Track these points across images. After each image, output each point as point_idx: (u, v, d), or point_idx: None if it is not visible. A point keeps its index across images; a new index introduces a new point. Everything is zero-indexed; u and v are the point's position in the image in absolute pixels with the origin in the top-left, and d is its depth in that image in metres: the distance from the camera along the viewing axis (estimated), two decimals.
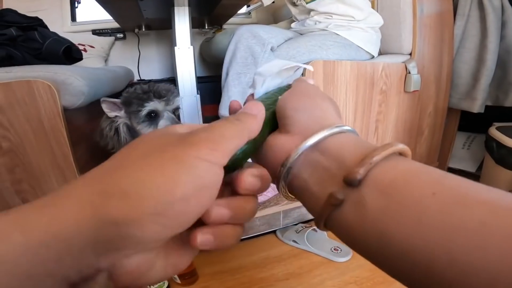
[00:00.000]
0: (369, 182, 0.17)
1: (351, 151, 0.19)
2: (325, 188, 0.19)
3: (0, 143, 0.67)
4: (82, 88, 0.71)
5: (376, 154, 0.18)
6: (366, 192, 0.17)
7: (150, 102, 0.74)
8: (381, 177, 0.17)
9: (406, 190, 0.16)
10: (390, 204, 0.16)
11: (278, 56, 0.91)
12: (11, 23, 0.81)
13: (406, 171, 0.17)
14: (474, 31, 1.20)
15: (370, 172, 0.17)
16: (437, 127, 1.30)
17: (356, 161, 0.18)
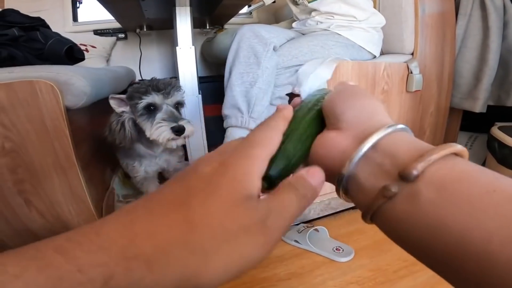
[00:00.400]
0: (425, 178, 0.17)
1: (406, 149, 0.19)
2: (378, 182, 0.19)
3: (3, 144, 0.67)
4: (84, 88, 0.71)
5: (434, 152, 0.18)
6: (421, 186, 0.17)
7: (149, 95, 0.75)
8: (439, 174, 0.17)
9: (465, 186, 0.16)
10: (447, 198, 0.16)
11: (280, 56, 0.91)
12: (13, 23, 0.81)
13: (464, 171, 0.17)
14: (476, 30, 1.20)
15: (427, 169, 0.17)
16: (439, 127, 1.30)
17: (413, 158, 0.18)
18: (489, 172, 0.17)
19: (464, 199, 0.16)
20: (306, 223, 1.04)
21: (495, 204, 0.15)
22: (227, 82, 0.92)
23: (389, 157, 0.20)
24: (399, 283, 0.77)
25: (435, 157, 0.17)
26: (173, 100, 0.79)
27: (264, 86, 0.89)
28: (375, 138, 0.20)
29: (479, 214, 0.15)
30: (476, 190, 0.16)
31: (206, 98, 1.15)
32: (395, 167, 0.19)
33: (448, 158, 0.18)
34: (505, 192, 0.15)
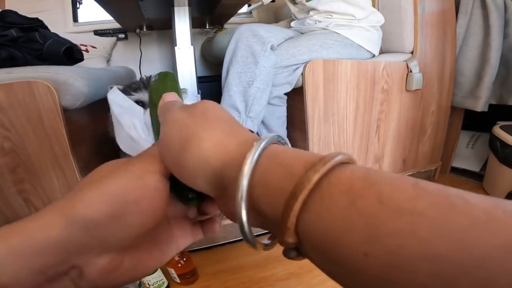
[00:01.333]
0: (304, 241, 0.16)
1: (272, 208, 0.16)
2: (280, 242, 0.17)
3: (2, 144, 0.68)
4: (82, 88, 0.72)
5: (288, 213, 0.15)
6: (307, 250, 0.16)
7: (139, 92, 0.76)
8: (311, 235, 0.15)
9: (337, 252, 0.14)
10: (327, 263, 0.15)
11: (278, 55, 0.91)
12: (12, 24, 0.82)
13: (332, 225, 0.14)
14: (477, 29, 1.19)
15: (298, 230, 0.15)
16: (440, 126, 1.29)
17: (279, 223, 0.16)
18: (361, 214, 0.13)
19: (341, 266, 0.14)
20: None
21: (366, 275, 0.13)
22: (224, 81, 0.92)
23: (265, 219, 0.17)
24: None
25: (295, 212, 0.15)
26: None
27: (262, 86, 0.88)
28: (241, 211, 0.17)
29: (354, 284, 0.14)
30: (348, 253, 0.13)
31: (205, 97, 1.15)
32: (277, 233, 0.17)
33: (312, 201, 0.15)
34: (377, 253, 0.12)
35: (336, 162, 0.15)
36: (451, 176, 1.42)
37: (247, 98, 0.88)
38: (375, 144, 1.13)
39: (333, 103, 0.99)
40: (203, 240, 0.91)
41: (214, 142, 0.19)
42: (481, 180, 1.29)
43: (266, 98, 0.90)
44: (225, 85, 0.91)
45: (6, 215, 0.73)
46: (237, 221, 0.18)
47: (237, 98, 0.88)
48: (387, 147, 1.16)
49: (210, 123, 0.20)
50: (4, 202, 0.72)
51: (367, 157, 1.13)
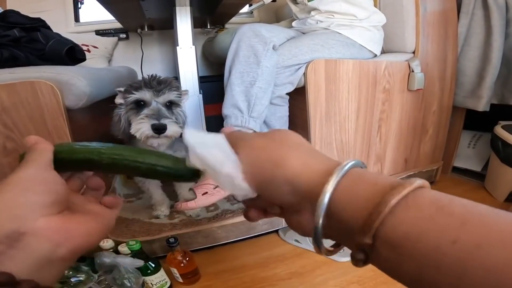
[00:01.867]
0: (381, 240, 0.18)
1: (353, 210, 0.19)
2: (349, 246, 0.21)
3: (5, 143, 0.68)
4: (84, 88, 0.72)
5: (380, 211, 0.17)
6: (380, 250, 0.18)
7: (140, 91, 0.75)
8: (392, 232, 0.17)
9: (423, 239, 0.16)
10: (403, 257, 0.17)
11: (280, 55, 0.91)
12: (14, 24, 0.82)
13: (419, 219, 0.16)
14: (478, 29, 1.19)
15: (379, 229, 0.18)
16: (442, 126, 1.29)
17: (361, 226, 0.18)
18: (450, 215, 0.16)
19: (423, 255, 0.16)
20: None
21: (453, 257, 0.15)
22: (226, 81, 0.92)
23: (343, 224, 0.20)
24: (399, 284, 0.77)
25: (382, 216, 0.17)
26: (165, 98, 0.78)
27: (264, 86, 0.88)
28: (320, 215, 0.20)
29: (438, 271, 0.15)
30: (434, 242, 0.15)
31: (207, 97, 1.16)
32: (352, 236, 0.19)
33: (401, 206, 0.17)
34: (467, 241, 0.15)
35: (419, 184, 0.18)
36: (453, 176, 1.42)
37: (250, 98, 0.88)
38: (377, 143, 1.13)
39: (335, 103, 0.99)
40: (205, 240, 0.91)
41: (301, 162, 0.23)
42: (482, 180, 1.29)
43: (268, 98, 0.90)
44: (228, 85, 0.91)
45: None
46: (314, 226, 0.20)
47: (239, 98, 0.88)
48: (388, 147, 1.16)
49: (293, 147, 0.24)
50: None
51: (369, 157, 1.13)
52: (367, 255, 0.19)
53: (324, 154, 0.24)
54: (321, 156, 0.24)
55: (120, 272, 0.67)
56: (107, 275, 0.67)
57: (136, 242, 0.73)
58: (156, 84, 0.76)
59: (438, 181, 1.35)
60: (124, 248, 0.74)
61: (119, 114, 0.80)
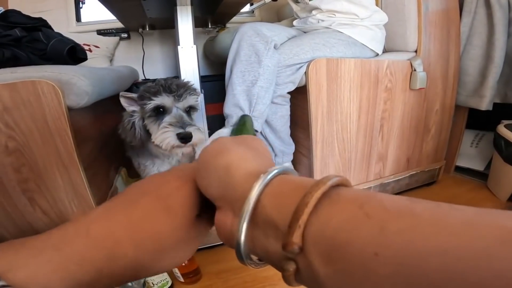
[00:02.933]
0: (309, 247, 0.16)
1: (279, 212, 0.18)
2: (275, 258, 0.19)
3: (6, 143, 0.68)
4: (86, 88, 0.72)
5: (303, 209, 0.16)
6: (311, 258, 0.16)
7: (159, 97, 0.71)
8: (318, 239, 0.16)
9: (347, 253, 0.14)
10: (335, 271, 0.15)
11: (281, 54, 0.91)
12: (15, 24, 0.82)
13: (342, 226, 0.15)
14: (481, 28, 1.19)
15: (306, 233, 0.16)
16: (444, 125, 1.28)
17: (286, 226, 0.17)
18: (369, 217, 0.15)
19: (351, 271, 0.14)
20: None
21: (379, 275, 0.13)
22: (228, 80, 0.92)
23: (269, 229, 0.19)
24: None
25: (304, 217, 0.16)
26: (185, 104, 0.74)
27: (266, 85, 0.88)
28: (245, 216, 0.19)
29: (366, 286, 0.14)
30: (359, 256, 0.14)
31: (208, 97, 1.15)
32: (279, 241, 0.18)
33: (320, 208, 0.16)
34: (387, 253, 0.13)
35: (338, 181, 0.18)
36: (455, 175, 1.41)
37: (251, 97, 0.88)
38: (379, 143, 1.12)
39: (336, 102, 0.98)
40: (206, 240, 0.91)
41: (240, 157, 0.22)
42: (485, 179, 1.28)
43: (269, 97, 0.90)
44: (229, 84, 0.91)
45: (10, 214, 0.74)
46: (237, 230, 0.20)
47: (240, 97, 0.88)
48: (390, 146, 1.16)
49: (244, 145, 0.24)
50: (8, 201, 0.72)
51: (371, 156, 1.13)
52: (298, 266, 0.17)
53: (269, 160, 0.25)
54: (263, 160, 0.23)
55: None
56: None
57: None
58: (176, 88, 0.72)
59: (441, 181, 1.35)
60: None
61: (132, 121, 0.76)
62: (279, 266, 0.18)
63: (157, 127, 0.72)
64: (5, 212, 0.73)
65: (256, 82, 0.87)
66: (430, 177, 1.31)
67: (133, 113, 0.77)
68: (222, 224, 0.22)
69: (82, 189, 0.75)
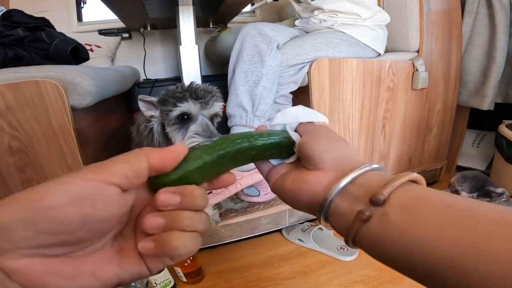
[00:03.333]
0: (392, 201, 0.21)
1: (376, 181, 0.23)
2: (354, 208, 0.23)
3: (10, 143, 0.68)
4: (89, 88, 0.72)
5: (396, 180, 0.22)
6: (390, 209, 0.21)
7: (184, 103, 0.65)
8: (402, 196, 0.21)
9: (424, 204, 0.20)
10: (412, 217, 0.19)
11: (284, 54, 0.91)
12: (18, 24, 0.82)
13: (422, 192, 0.21)
14: (482, 28, 1.19)
15: (392, 194, 0.21)
16: (446, 125, 1.28)
17: (380, 186, 0.22)
18: (442, 192, 0.20)
19: (426, 214, 0.19)
20: (310, 221, 1.03)
21: (452, 217, 0.18)
22: (230, 80, 0.92)
23: (363, 189, 0.23)
24: (404, 282, 0.77)
25: (397, 183, 0.21)
26: (211, 111, 0.69)
27: (269, 85, 0.88)
28: (353, 175, 0.24)
29: (442, 227, 0.18)
30: (435, 206, 0.19)
31: None
32: (367, 195, 0.22)
33: (408, 184, 0.22)
34: (458, 206, 0.18)
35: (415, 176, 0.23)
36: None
37: (254, 97, 0.88)
38: (381, 142, 1.13)
39: (338, 102, 0.98)
40: (209, 239, 0.91)
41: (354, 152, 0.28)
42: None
43: (272, 97, 0.90)
44: (232, 84, 0.91)
45: None
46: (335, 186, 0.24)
47: (243, 97, 0.88)
48: (392, 146, 1.16)
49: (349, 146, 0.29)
50: None
51: (373, 156, 1.13)
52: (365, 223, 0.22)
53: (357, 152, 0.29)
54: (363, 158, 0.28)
55: None
56: None
57: None
58: (203, 94, 0.67)
59: (442, 180, 1.35)
60: None
61: (151, 128, 0.71)
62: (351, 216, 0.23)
63: (181, 136, 0.67)
64: None
65: (259, 82, 0.87)
66: (431, 177, 1.31)
67: (151, 118, 0.71)
68: (319, 180, 0.26)
69: None
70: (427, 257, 0.18)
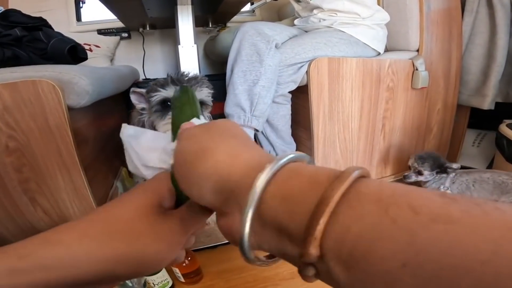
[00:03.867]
0: (329, 255, 0.15)
1: (292, 218, 0.16)
2: (294, 262, 0.17)
3: (7, 143, 0.68)
4: (86, 87, 0.71)
5: (320, 215, 0.14)
6: (330, 265, 0.15)
7: (167, 89, 0.64)
8: (338, 247, 0.14)
9: (371, 263, 0.13)
10: (357, 280, 0.14)
11: (283, 53, 0.90)
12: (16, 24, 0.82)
13: (365, 234, 0.13)
14: (483, 27, 1.18)
15: (324, 242, 0.14)
16: (446, 124, 1.27)
17: (302, 234, 0.15)
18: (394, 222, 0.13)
19: (379, 281, 0.13)
20: None
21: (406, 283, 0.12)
22: (229, 80, 0.92)
23: (282, 232, 0.17)
24: None
25: (323, 221, 0.14)
26: None
27: (267, 84, 0.88)
28: (249, 208, 0.17)
29: None
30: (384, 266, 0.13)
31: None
32: (295, 248, 0.16)
33: (341, 212, 0.14)
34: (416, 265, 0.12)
35: (358, 174, 0.15)
36: None
37: (252, 96, 0.87)
38: (381, 142, 1.12)
39: (338, 101, 0.98)
40: (208, 239, 0.90)
41: (229, 154, 0.19)
42: None
43: (271, 96, 0.90)
44: (230, 84, 0.91)
45: (11, 214, 0.74)
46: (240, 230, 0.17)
47: (242, 97, 0.88)
48: (392, 145, 1.16)
49: (225, 137, 0.21)
50: (9, 201, 0.72)
51: (373, 156, 1.12)
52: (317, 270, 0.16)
53: (260, 148, 0.21)
54: (256, 149, 0.20)
55: None
56: None
57: None
58: (186, 81, 0.66)
59: None
60: None
61: (142, 121, 0.71)
62: (297, 267, 0.17)
63: (161, 121, 0.66)
64: (6, 212, 0.73)
65: (257, 81, 0.87)
66: None
67: (143, 111, 0.71)
68: (229, 228, 0.20)
69: (83, 189, 0.75)
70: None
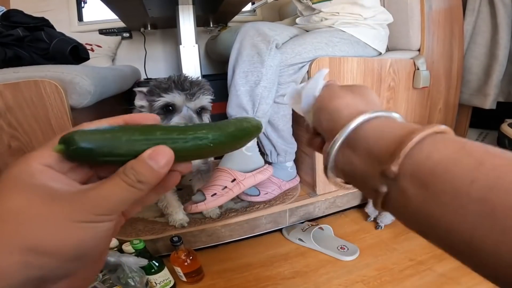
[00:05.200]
0: (406, 174, 0.18)
1: (381, 142, 0.20)
2: (368, 182, 0.21)
3: (10, 143, 0.68)
4: (88, 87, 0.72)
5: (407, 142, 0.18)
6: (405, 184, 0.18)
7: (169, 94, 0.65)
8: (417, 169, 0.18)
9: (445, 179, 0.17)
10: (430, 195, 0.17)
11: (284, 54, 0.90)
12: (18, 24, 0.82)
13: (443, 159, 0.17)
14: (484, 27, 1.18)
15: (404, 163, 0.18)
16: (448, 124, 1.26)
17: (388, 154, 0.19)
18: (474, 151, 0.17)
19: (446, 195, 0.16)
20: (310, 221, 1.03)
21: (473, 197, 0.15)
22: (230, 81, 0.92)
23: (368, 155, 0.21)
24: (405, 282, 0.76)
25: (406, 149, 0.18)
26: (197, 104, 0.68)
27: (269, 85, 0.88)
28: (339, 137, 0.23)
29: (461, 210, 0.16)
30: (456, 182, 0.16)
31: None
32: (376, 167, 0.20)
33: (425, 144, 0.18)
34: (483, 182, 0.15)
35: (445, 129, 0.20)
36: None
37: (254, 97, 0.88)
38: None
39: None
40: (209, 239, 0.91)
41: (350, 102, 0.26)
42: None
43: (272, 96, 0.90)
44: (232, 85, 0.91)
45: None
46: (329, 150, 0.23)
47: (244, 98, 0.88)
48: None
49: (352, 93, 0.27)
50: None
51: None
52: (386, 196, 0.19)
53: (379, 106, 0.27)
54: (374, 105, 0.26)
55: (124, 271, 0.67)
56: (112, 274, 0.67)
57: (140, 241, 0.73)
58: (189, 86, 0.66)
59: None
60: (128, 247, 0.74)
61: None
62: (369, 188, 0.21)
63: None
64: None
65: (259, 82, 0.87)
66: None
67: (141, 109, 0.72)
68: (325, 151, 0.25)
69: None
70: (444, 238, 0.17)
